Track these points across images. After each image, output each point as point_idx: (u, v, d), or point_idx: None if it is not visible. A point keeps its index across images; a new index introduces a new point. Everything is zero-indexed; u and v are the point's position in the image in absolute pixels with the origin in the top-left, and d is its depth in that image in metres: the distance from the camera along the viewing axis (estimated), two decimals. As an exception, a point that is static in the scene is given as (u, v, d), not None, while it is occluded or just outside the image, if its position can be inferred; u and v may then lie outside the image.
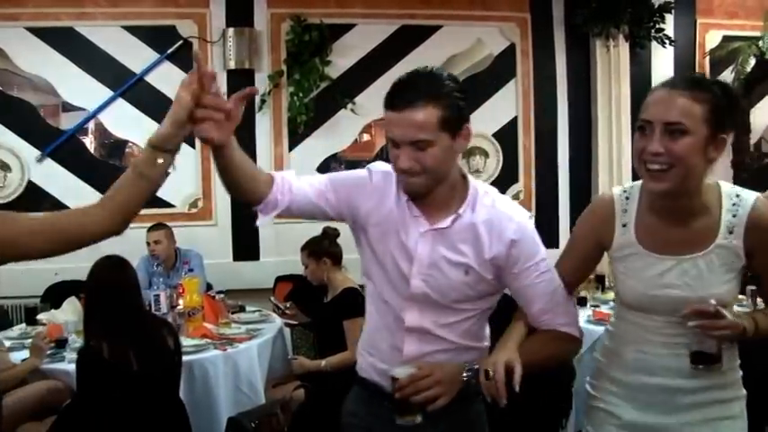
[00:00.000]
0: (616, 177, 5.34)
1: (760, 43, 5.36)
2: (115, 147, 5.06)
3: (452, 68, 5.37)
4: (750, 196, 1.66)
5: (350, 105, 5.15)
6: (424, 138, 1.60)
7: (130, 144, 5.04)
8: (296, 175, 1.75)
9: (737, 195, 1.66)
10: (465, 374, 1.66)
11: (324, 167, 5.23)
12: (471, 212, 1.71)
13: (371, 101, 5.22)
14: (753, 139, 5.65)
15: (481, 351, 1.79)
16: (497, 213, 1.70)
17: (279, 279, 4.79)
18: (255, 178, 1.68)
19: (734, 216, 1.64)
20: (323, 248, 3.65)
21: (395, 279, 1.74)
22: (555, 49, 5.49)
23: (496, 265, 1.70)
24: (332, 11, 5.14)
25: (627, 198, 1.75)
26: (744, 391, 1.77)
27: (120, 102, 4.95)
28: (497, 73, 5.44)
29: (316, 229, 3.71)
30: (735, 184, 1.76)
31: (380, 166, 1.78)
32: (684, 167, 1.55)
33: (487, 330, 1.86)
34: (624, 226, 1.73)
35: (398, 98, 1.62)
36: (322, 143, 5.22)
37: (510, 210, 1.73)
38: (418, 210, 1.71)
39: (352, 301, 3.51)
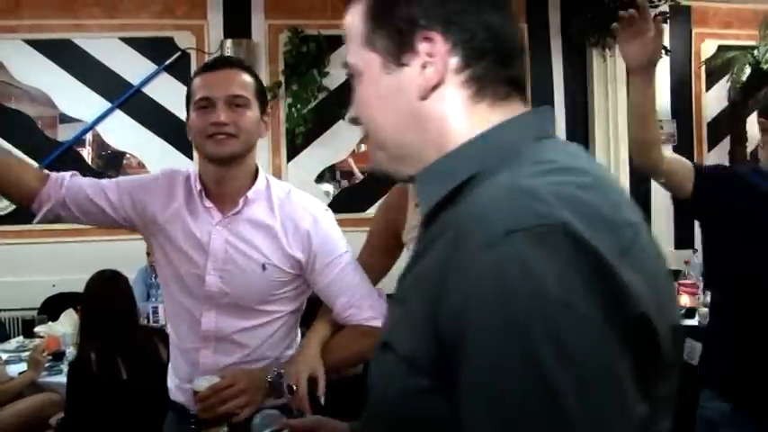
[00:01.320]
0: (613, 186, 5.34)
1: (755, 52, 5.38)
2: (113, 158, 5.06)
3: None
4: None
5: (348, 116, 5.15)
6: (243, 94, 1.60)
7: (128, 155, 5.04)
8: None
9: None
10: (270, 379, 1.56)
11: (322, 178, 5.25)
12: (266, 204, 1.65)
13: (369, 111, 5.24)
14: (749, 148, 5.66)
15: None
16: (292, 205, 1.66)
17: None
18: (21, 171, 1.66)
19: None
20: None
21: (190, 280, 1.65)
22: (552, 59, 5.51)
23: (297, 260, 1.63)
24: (329, 22, 5.12)
25: None
26: None
27: (118, 113, 4.95)
28: (494, 83, 5.45)
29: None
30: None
31: (169, 169, 1.76)
32: None
33: (298, 338, 1.76)
34: (417, 206, 1.66)
35: (217, 62, 1.67)
36: (320, 154, 5.22)
37: (305, 202, 1.68)
38: (210, 201, 1.65)
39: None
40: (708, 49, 5.73)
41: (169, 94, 4.97)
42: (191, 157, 5.01)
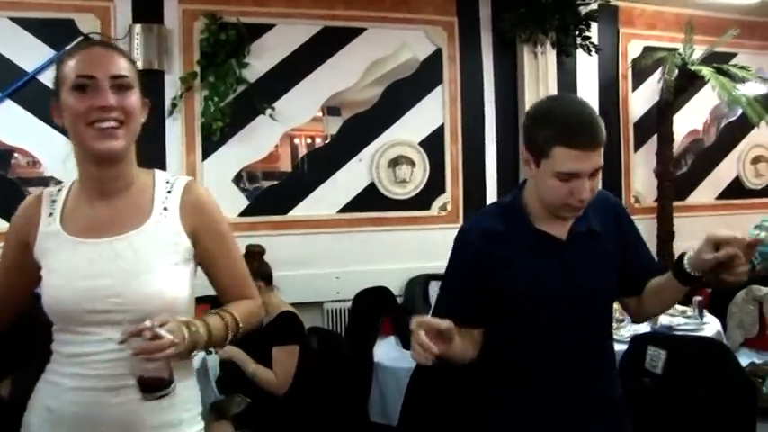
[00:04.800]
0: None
1: (680, 53, 5.40)
2: (3, 155, 4.47)
3: (377, 73, 5.12)
4: (184, 178, 1.66)
5: (268, 111, 4.79)
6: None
7: (16, 156, 4.45)
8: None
9: (171, 177, 1.66)
10: None
11: (240, 177, 4.85)
12: None
13: (292, 106, 4.90)
14: (674, 148, 5.67)
15: None
16: None
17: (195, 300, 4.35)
18: None
19: (168, 192, 1.61)
20: (253, 271, 3.22)
21: None
22: (482, 55, 5.32)
23: None
24: (250, 9, 4.76)
25: (59, 190, 1.63)
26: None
27: (10, 104, 4.37)
28: (423, 79, 5.21)
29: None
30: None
31: None
32: (134, 122, 1.54)
33: None
34: (50, 215, 1.58)
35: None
36: (239, 151, 4.82)
37: None
38: None
39: (289, 326, 3.20)
40: (634, 49, 5.71)
41: (69, 83, 4.46)
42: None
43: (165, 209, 1.58)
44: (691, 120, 5.95)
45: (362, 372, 4.00)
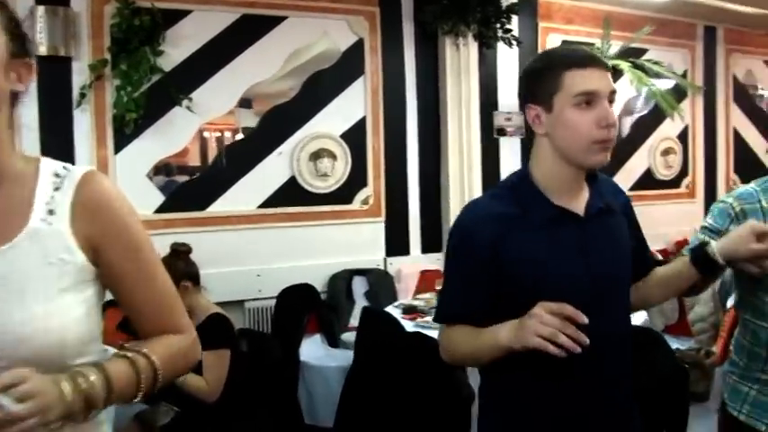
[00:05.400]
0: (467, 178, 5.23)
1: (598, 47, 5.51)
2: None
3: (296, 63, 4.97)
4: (80, 169, 1.23)
5: (185, 102, 4.56)
6: None
7: None
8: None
9: (65, 168, 1.23)
10: None
11: (155, 172, 4.60)
12: None
13: (210, 97, 4.68)
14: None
15: None
16: None
17: (107, 304, 4.06)
18: None
19: (56, 189, 1.19)
20: (180, 271, 3.07)
21: None
22: (404, 46, 5.25)
23: None
24: (165, -7, 4.52)
25: None
26: None
27: None
28: (345, 70, 5.10)
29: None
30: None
31: None
32: None
33: None
34: None
35: None
36: (153, 144, 4.56)
37: None
38: None
39: (218, 329, 3.03)
40: (552, 42, 5.78)
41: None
42: None
43: (50, 212, 1.17)
44: (604, 113, 6.08)
45: (290, 372, 3.87)
